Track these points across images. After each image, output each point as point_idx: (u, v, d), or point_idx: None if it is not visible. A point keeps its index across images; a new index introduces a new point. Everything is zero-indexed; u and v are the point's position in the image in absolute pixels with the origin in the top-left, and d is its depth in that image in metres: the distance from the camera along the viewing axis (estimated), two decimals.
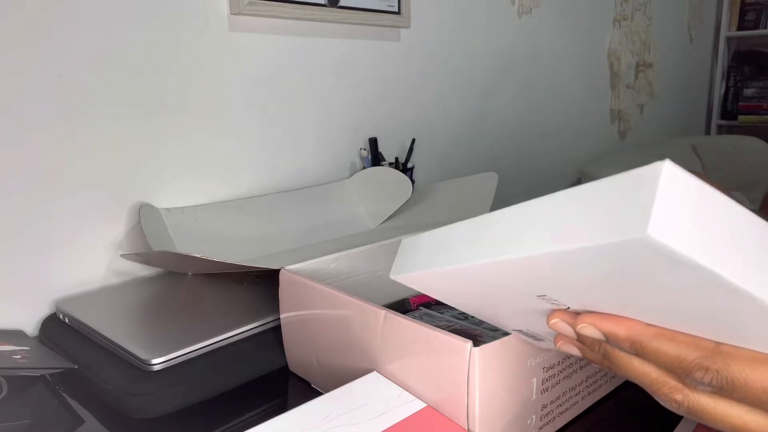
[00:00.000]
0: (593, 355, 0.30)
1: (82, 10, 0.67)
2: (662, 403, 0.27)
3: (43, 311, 0.67)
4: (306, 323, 0.51)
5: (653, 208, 0.19)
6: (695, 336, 0.25)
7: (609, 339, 0.27)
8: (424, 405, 0.40)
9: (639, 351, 0.26)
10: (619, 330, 0.26)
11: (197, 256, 0.57)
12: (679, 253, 0.19)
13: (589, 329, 0.27)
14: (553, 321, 0.29)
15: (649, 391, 0.28)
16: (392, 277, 0.35)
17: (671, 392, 0.26)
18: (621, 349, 0.27)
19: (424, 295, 0.65)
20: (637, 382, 0.28)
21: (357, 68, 0.99)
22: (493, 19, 1.26)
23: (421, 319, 0.59)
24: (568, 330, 0.29)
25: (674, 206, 0.19)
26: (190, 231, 0.74)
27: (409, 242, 0.35)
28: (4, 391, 0.51)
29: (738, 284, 0.20)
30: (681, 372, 0.25)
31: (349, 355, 0.46)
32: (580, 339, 0.29)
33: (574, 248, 0.22)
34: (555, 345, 0.31)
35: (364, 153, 0.99)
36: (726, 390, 0.25)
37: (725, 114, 2.32)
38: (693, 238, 0.19)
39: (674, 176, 0.19)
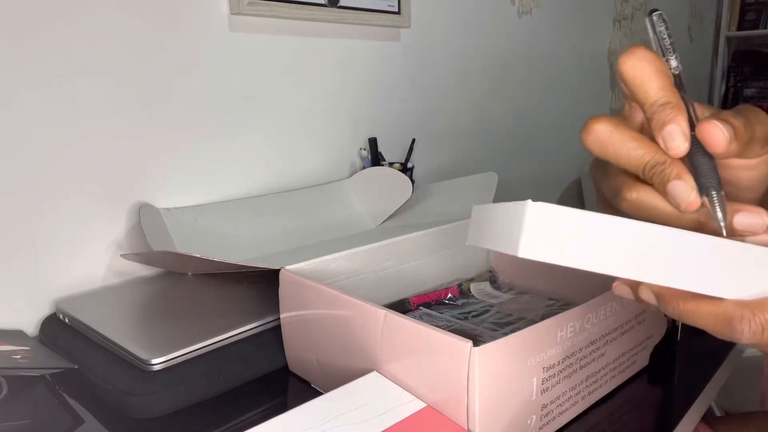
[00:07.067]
0: None
1: (82, 9, 0.67)
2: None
3: (43, 311, 0.67)
4: (306, 323, 0.51)
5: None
6: None
7: None
8: (424, 405, 0.40)
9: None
10: None
11: (197, 256, 0.57)
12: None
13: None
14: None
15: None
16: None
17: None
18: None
19: (424, 295, 0.65)
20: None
21: (357, 68, 0.99)
22: (493, 19, 1.26)
23: (421, 319, 0.59)
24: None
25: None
26: (190, 231, 0.74)
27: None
28: (4, 391, 0.51)
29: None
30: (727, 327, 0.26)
31: (349, 355, 0.46)
32: None
33: None
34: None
35: (364, 153, 0.99)
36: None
37: None
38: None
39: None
